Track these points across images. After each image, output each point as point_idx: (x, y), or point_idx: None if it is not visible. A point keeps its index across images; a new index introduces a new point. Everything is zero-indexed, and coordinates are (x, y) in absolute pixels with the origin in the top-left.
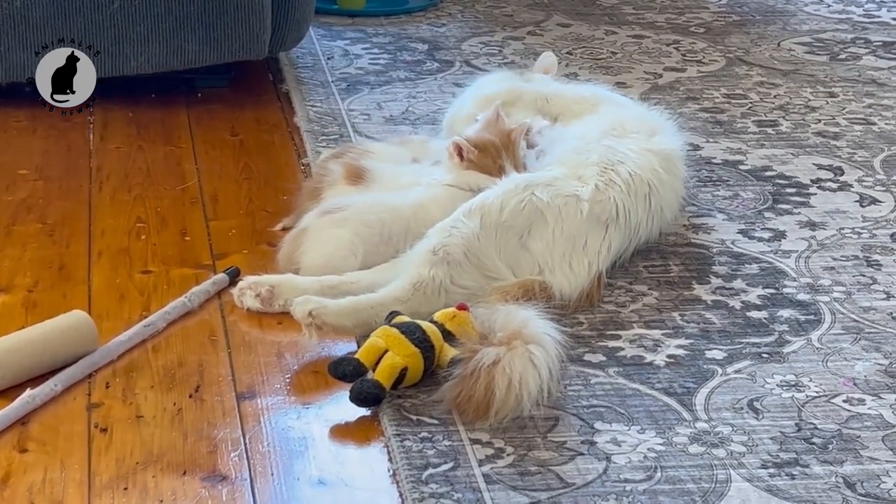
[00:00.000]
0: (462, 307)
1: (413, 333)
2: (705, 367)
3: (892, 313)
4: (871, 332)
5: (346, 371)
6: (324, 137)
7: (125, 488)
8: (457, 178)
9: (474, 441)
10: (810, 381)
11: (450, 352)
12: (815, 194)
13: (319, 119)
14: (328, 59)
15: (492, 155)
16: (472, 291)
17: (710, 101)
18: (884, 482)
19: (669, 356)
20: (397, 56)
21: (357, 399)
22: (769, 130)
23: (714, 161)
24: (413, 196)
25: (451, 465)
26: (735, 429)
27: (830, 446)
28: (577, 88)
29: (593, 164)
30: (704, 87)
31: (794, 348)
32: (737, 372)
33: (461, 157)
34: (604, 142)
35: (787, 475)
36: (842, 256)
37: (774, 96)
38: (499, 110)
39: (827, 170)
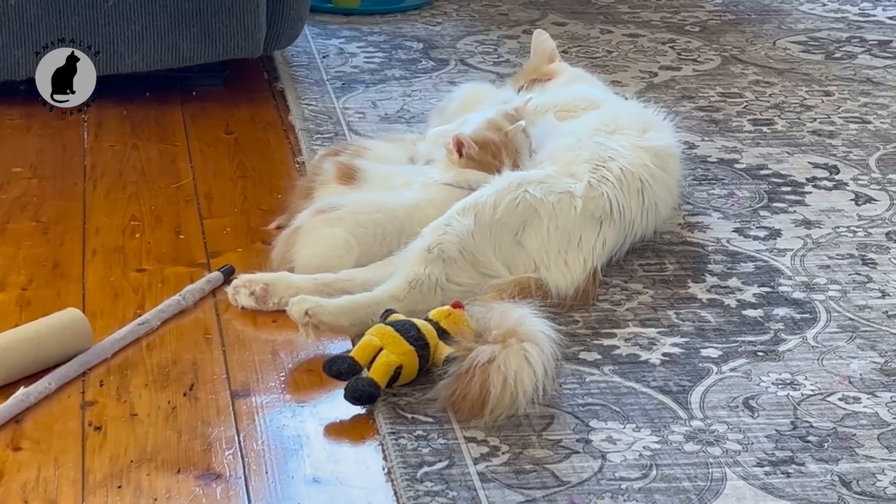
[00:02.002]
0: (457, 305)
1: (408, 331)
2: (701, 365)
3: (887, 312)
4: (866, 331)
5: (341, 369)
6: (318, 136)
7: (119, 486)
8: (456, 177)
9: (469, 439)
10: (806, 379)
11: (445, 350)
12: (811, 193)
13: (314, 117)
14: (323, 57)
15: (492, 152)
16: (467, 289)
17: (706, 100)
18: (879, 480)
19: (665, 354)
20: (392, 55)
21: (352, 397)
22: (764, 129)
23: (709, 160)
24: (408, 196)
25: (446, 463)
26: (730, 427)
27: (826, 444)
28: (560, 94)
29: (585, 160)
30: (700, 85)
31: (790, 346)
32: (732, 370)
33: (460, 154)
34: (595, 139)
35: (782, 473)
36: (837, 255)
37: (770, 95)
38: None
39: (822, 168)
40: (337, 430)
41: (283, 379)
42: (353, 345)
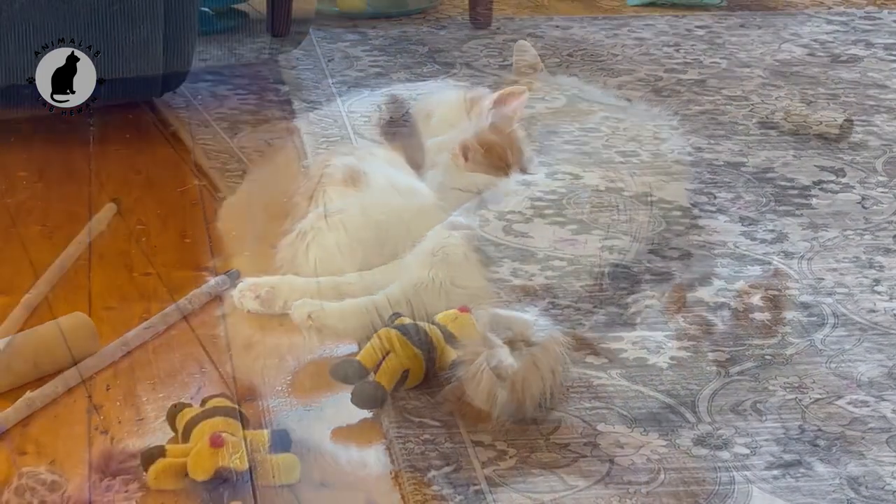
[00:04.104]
0: (464, 309)
1: (415, 335)
2: (708, 368)
3: (895, 314)
4: (874, 334)
5: (348, 373)
6: (324, 139)
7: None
8: (464, 181)
9: (476, 443)
10: (814, 382)
11: (452, 354)
12: (817, 196)
13: (320, 121)
14: (328, 61)
15: (497, 153)
16: (472, 292)
17: (712, 104)
18: (888, 483)
19: (672, 358)
20: (397, 58)
21: (359, 401)
22: (771, 132)
23: (716, 163)
24: (414, 200)
25: (453, 467)
26: (738, 431)
27: (834, 448)
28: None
29: (596, 166)
30: (705, 88)
31: (798, 350)
32: (740, 374)
33: (466, 159)
34: (611, 145)
35: (791, 477)
36: (844, 258)
37: (776, 98)
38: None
39: (829, 171)
40: (344, 434)
41: (289, 383)
42: (360, 349)
